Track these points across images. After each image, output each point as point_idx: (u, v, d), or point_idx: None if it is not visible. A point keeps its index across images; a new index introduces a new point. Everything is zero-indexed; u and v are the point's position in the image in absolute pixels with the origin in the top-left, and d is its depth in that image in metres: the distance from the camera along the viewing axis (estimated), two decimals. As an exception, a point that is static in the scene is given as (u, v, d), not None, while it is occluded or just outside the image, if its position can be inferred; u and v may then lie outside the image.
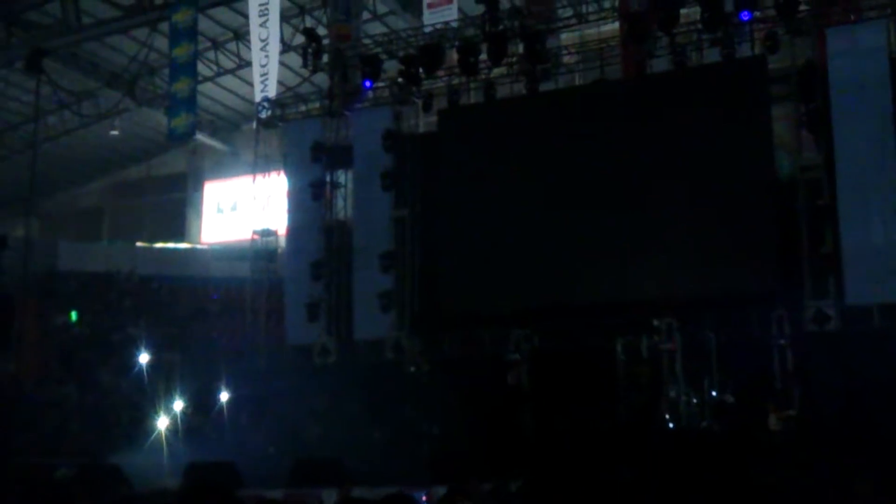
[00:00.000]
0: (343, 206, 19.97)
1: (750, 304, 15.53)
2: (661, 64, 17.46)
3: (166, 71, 24.07)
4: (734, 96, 16.10)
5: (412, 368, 18.08)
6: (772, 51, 16.06)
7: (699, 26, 16.67)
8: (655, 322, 15.82)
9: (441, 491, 7.42)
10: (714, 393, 15.07)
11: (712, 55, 16.94)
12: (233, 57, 25.60)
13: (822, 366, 14.43)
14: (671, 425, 14.75)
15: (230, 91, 27.31)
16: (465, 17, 19.62)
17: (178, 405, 19.40)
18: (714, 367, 15.23)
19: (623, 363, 15.44)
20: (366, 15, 22.66)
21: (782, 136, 16.27)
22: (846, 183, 15.38)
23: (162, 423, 18.63)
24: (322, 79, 21.72)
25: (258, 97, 22.02)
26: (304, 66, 20.05)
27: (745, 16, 16.17)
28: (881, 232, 15.08)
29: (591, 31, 19.52)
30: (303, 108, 20.95)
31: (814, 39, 16.30)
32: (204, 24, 23.36)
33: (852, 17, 16.18)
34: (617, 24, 18.28)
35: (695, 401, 15.06)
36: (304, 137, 19.86)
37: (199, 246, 29.36)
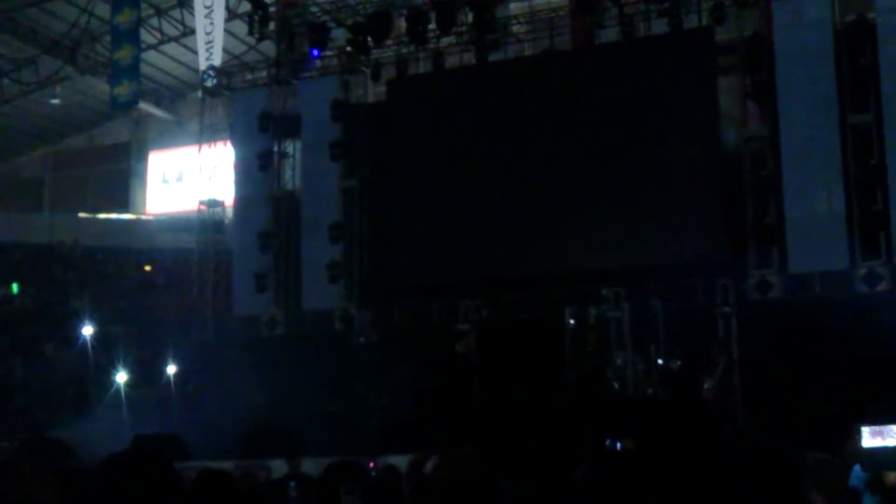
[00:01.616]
0: (291, 176, 19.81)
1: (696, 273, 15.76)
2: (609, 34, 17.50)
3: (108, 38, 23.61)
4: (681, 67, 16.21)
5: (361, 339, 18.06)
6: (718, 22, 16.17)
7: (647, -3, 16.73)
8: (604, 291, 15.98)
9: (388, 459, 7.42)
10: (660, 360, 15.29)
11: (660, 26, 17.00)
12: (177, 24, 25.16)
13: (764, 333, 14.69)
14: (620, 392, 14.92)
15: (174, 59, 26.86)
16: (413, -14, 19.45)
17: (123, 377, 19.20)
18: (661, 334, 15.45)
19: (571, 332, 15.55)
20: (313, -18, 22.38)
21: (728, 107, 16.43)
22: (790, 154, 15.59)
23: (107, 395, 18.43)
24: (268, 47, 21.46)
25: (203, 65, 21.69)
26: (250, 33, 19.77)
27: (692, -13, 16.28)
28: (824, 202, 15.33)
29: (540, 2, 19.51)
30: (249, 76, 20.66)
31: (760, 11, 16.46)
32: (147, -10, 22.93)
33: (797, -11, 16.34)
34: (566, -6, 18.28)
35: (640, 367, 15.26)
36: (251, 106, 19.61)
37: (144, 217, 28.98)
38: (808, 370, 13.66)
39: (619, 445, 10.54)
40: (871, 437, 11.48)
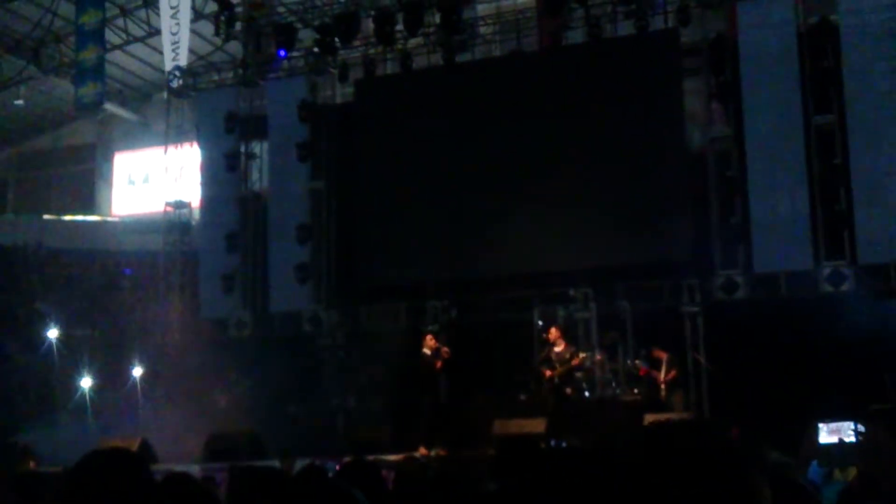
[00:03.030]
0: (258, 177, 19.71)
1: (663, 273, 15.87)
2: (576, 36, 17.58)
3: (73, 38, 23.34)
4: (647, 68, 16.30)
5: (329, 341, 18.02)
6: (684, 24, 16.28)
7: (614, -2, 16.81)
8: (572, 292, 16.06)
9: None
10: (628, 361, 15.39)
11: (626, 28, 17.10)
12: (142, 24, 24.89)
13: (731, 332, 14.82)
14: (587, 393, 15.01)
15: (140, 60, 26.57)
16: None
17: (88, 382, 19.00)
18: (628, 335, 15.56)
19: (539, 332, 15.61)
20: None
21: (693, 108, 16.55)
22: (755, 154, 15.72)
23: (72, 399, 18.23)
24: (235, 47, 21.31)
25: (169, 66, 21.50)
26: (217, 34, 19.62)
27: (658, -11, 16.39)
28: (788, 202, 15.46)
29: (507, 3, 19.55)
30: (215, 77, 20.52)
31: (725, 13, 16.60)
32: (112, -10, 22.70)
33: (762, -9, 16.50)
34: (533, -4, 18.33)
35: (608, 367, 15.36)
36: (218, 107, 19.49)
37: (109, 218, 28.66)
38: (773, 369, 13.79)
39: (563, 444, 10.62)
40: (827, 434, 11.62)
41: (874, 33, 15.21)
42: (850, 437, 12.09)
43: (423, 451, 13.43)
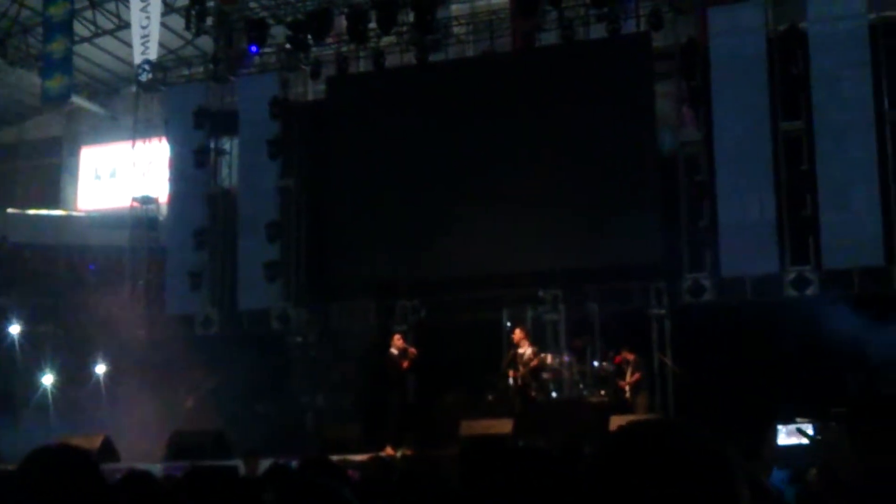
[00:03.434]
0: (228, 173, 19.56)
1: (631, 275, 15.94)
2: (549, 38, 17.62)
3: (40, 30, 23.08)
4: (619, 72, 16.38)
5: (298, 339, 17.94)
6: (655, 28, 16.38)
7: (587, 1, 16.85)
8: (541, 293, 16.09)
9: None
10: (595, 363, 15.44)
11: (599, 31, 17.17)
12: (112, 17, 24.64)
13: (697, 334, 14.93)
14: (554, 394, 15.05)
15: (109, 53, 26.29)
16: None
17: (51, 378, 18.78)
18: (596, 336, 15.61)
19: (507, 333, 15.62)
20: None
21: (664, 112, 16.64)
22: (723, 159, 15.84)
23: (34, 396, 18.01)
24: (206, 42, 21.14)
25: (138, 60, 21.30)
26: (188, 28, 19.46)
27: (631, -7, 16.48)
28: (756, 207, 15.60)
29: (481, 3, 19.55)
30: (186, 72, 20.36)
31: (696, 18, 16.72)
32: (81, -19, 22.46)
33: (733, -3, 16.64)
34: (507, -3, 18.37)
35: (576, 369, 15.41)
36: (187, 102, 19.31)
37: (75, 213, 28.35)
38: (738, 371, 13.90)
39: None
40: (786, 436, 11.74)
41: (842, 41, 15.39)
42: (809, 439, 12.20)
43: (390, 450, 13.40)
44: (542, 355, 14.96)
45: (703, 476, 1.49)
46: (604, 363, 15.27)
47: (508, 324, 15.82)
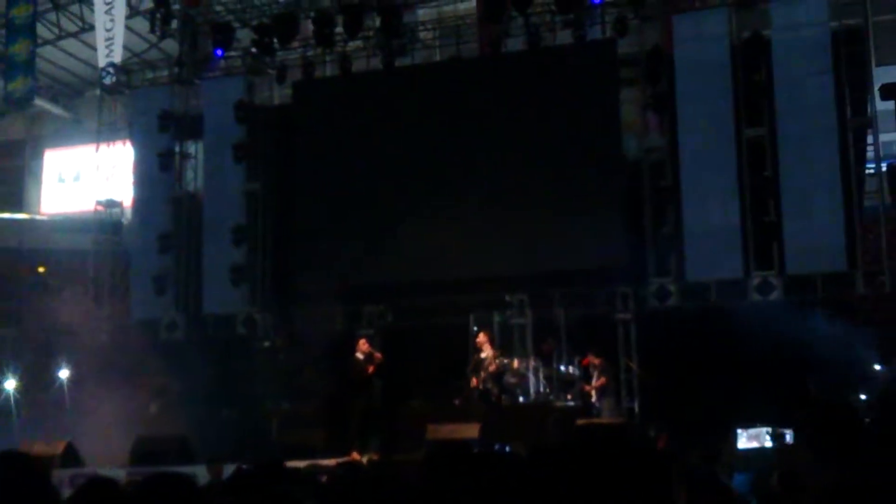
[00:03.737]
0: (193, 177, 19.43)
1: (597, 280, 16.02)
2: (516, 43, 17.69)
3: (3, 32, 22.82)
4: (584, 78, 16.47)
5: (265, 343, 17.84)
6: (621, 34, 16.49)
7: (553, 7, 16.93)
8: (507, 297, 16.12)
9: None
10: (562, 367, 15.49)
11: (565, 37, 17.27)
12: (76, 20, 24.47)
13: (663, 339, 15.03)
14: (521, 399, 15.07)
15: (72, 55, 26.09)
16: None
17: (13, 383, 18.55)
18: (563, 341, 15.66)
19: (474, 337, 15.62)
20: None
21: (629, 118, 16.75)
22: (688, 165, 15.97)
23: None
24: (171, 45, 21.02)
25: (102, 62, 21.13)
26: (152, 31, 19.35)
27: (595, -1, 16.60)
28: (720, 212, 15.74)
29: (448, 8, 19.57)
30: (150, 75, 20.21)
31: (661, 25, 16.85)
32: (45, -17, 22.25)
33: (697, 5, 16.80)
34: (474, 2, 18.40)
35: (542, 374, 15.44)
36: (152, 106, 19.15)
37: (38, 216, 28.05)
38: (703, 375, 14.01)
39: (507, 448, 10.67)
40: (747, 440, 11.87)
41: (805, 48, 15.58)
42: (768, 443, 12.34)
43: (355, 455, 13.36)
44: (507, 360, 15.00)
45: (641, 477, 1.51)
46: (570, 367, 15.31)
47: (475, 328, 15.83)
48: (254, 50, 18.55)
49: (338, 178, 17.54)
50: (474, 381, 14.61)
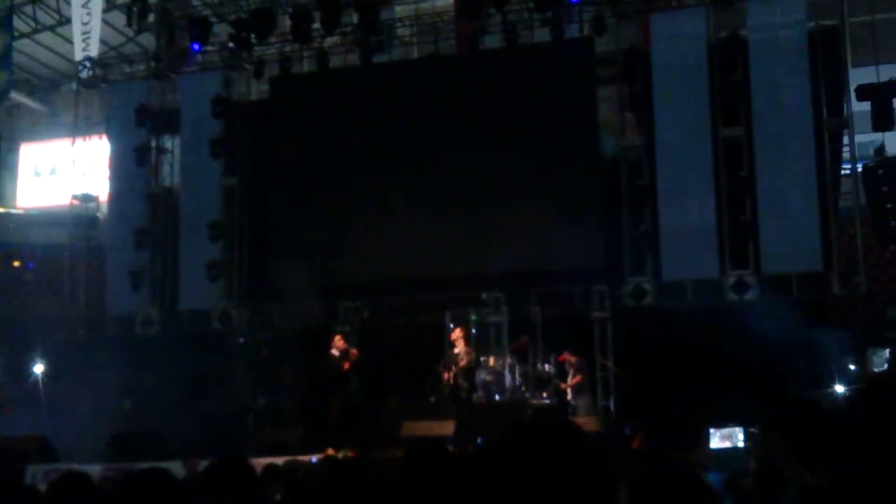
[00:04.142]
0: (169, 172, 19.34)
1: (574, 279, 16.05)
2: (493, 41, 17.70)
3: (-22, 24, 22.58)
4: (562, 76, 16.50)
5: (242, 339, 17.78)
6: (598, 33, 16.54)
7: (531, 5, 16.95)
8: (484, 295, 16.13)
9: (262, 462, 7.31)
10: (538, 365, 15.52)
11: (543, 35, 17.29)
12: (52, 13, 24.27)
13: (639, 338, 15.08)
14: (497, 396, 15.09)
15: (49, 49, 25.88)
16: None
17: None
18: (539, 339, 15.68)
19: (450, 333, 15.63)
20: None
21: (607, 116, 16.80)
22: (665, 164, 16.04)
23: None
24: (148, 39, 20.89)
25: (79, 56, 21.00)
26: (129, 25, 19.23)
27: (573, -3, 16.66)
28: (696, 212, 15.83)
29: (426, 5, 19.57)
30: (127, 69, 20.10)
31: (639, 24, 16.92)
32: (21, -24, 22.07)
33: (675, 4, 16.89)
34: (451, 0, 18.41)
35: (518, 372, 15.47)
36: (129, 100, 19.07)
37: (13, 210, 27.83)
38: (679, 374, 14.07)
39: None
40: (719, 440, 11.94)
41: (781, 49, 15.68)
42: (741, 443, 12.42)
43: (330, 452, 13.34)
44: (483, 357, 15.01)
45: (579, 474, 1.53)
46: (546, 365, 15.35)
47: (451, 325, 15.84)
48: (231, 45, 18.48)
49: (315, 174, 17.50)
50: (445, 375, 14.63)
